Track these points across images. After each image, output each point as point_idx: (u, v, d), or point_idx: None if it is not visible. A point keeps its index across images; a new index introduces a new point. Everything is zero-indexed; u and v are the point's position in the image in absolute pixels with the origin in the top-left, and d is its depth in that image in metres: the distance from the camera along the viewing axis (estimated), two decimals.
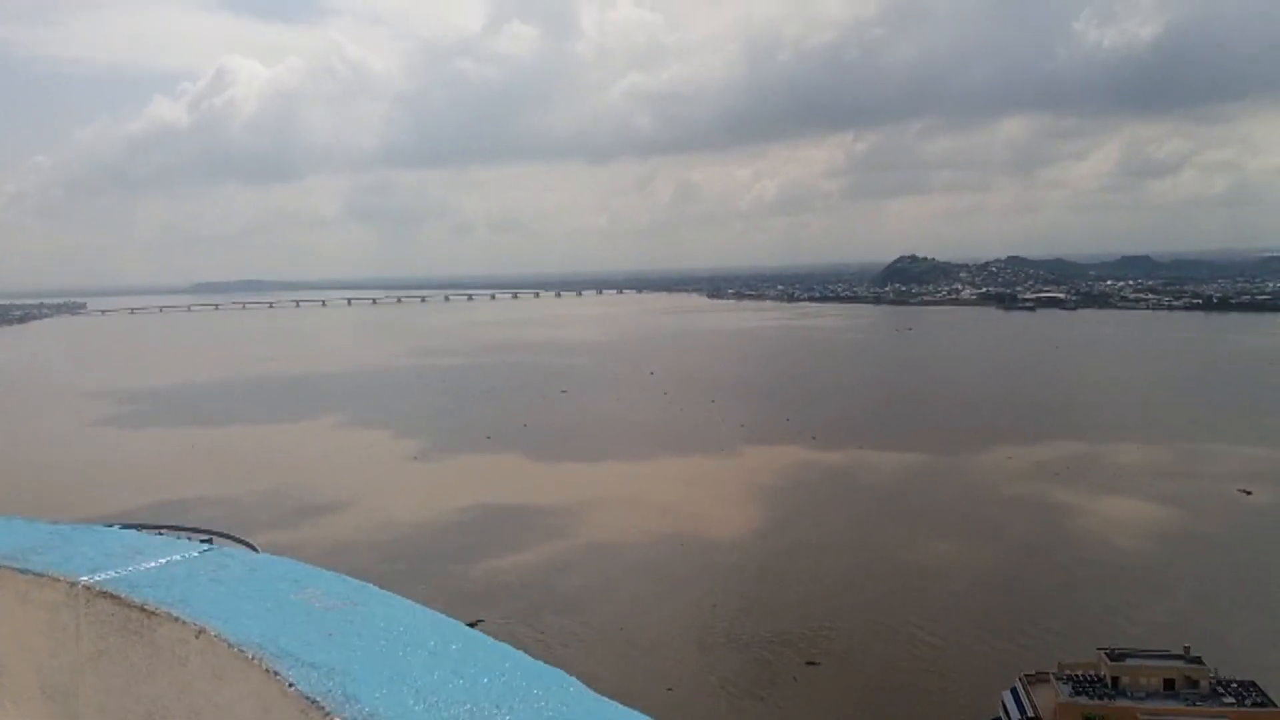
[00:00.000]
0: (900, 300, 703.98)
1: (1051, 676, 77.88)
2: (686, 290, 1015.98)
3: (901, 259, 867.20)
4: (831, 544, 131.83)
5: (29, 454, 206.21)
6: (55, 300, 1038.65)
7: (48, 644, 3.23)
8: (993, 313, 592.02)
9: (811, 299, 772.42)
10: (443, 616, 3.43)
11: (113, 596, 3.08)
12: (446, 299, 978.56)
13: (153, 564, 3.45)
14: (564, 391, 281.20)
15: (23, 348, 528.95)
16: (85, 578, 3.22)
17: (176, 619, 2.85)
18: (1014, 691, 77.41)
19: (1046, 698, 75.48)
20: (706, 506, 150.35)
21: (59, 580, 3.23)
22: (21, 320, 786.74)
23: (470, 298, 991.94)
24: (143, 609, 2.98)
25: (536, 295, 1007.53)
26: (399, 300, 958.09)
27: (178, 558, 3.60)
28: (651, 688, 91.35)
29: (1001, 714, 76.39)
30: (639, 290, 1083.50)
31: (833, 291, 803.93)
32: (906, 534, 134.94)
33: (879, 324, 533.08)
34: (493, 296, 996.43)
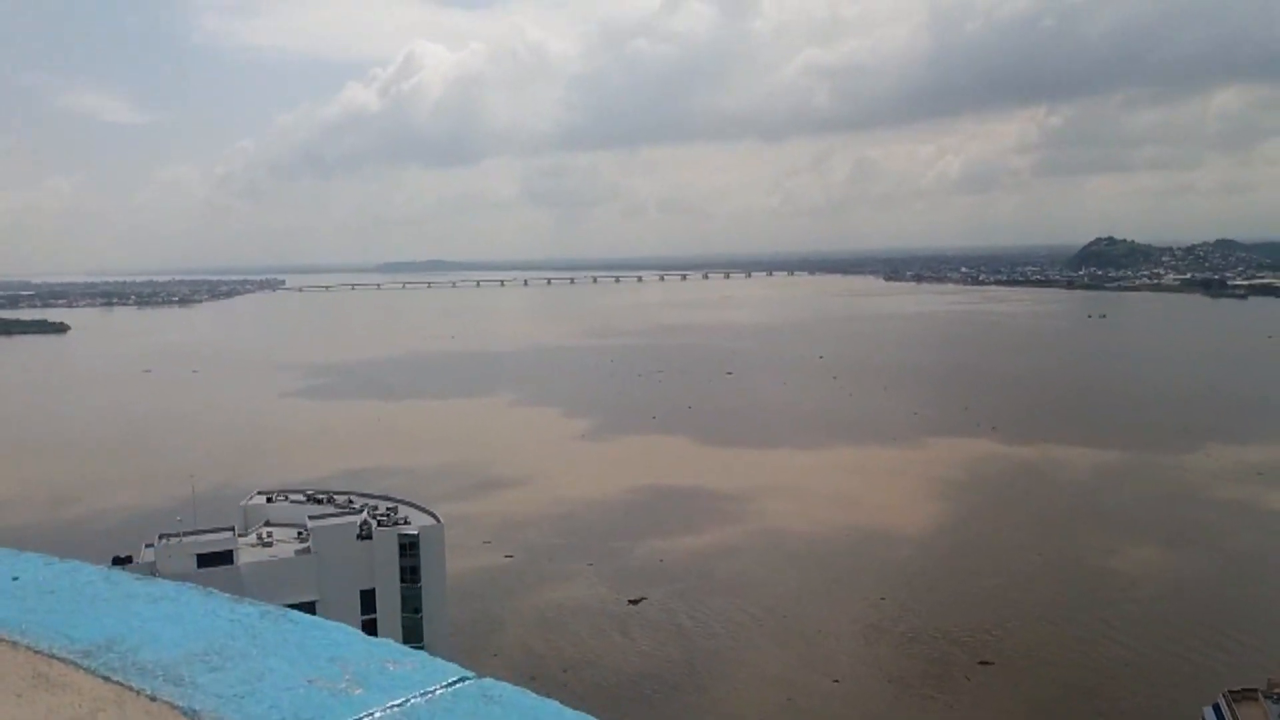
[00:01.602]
0: (1095, 285, 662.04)
1: (1260, 695, 71.04)
2: (862, 272, 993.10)
3: (1097, 241, 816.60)
4: (1012, 542, 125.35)
5: (231, 422, 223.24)
6: (257, 276, 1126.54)
7: None
8: (1198, 300, 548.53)
9: (998, 282, 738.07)
10: None
11: None
12: (617, 280, 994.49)
13: (378, 713, 2.32)
14: (730, 374, 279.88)
15: (228, 321, 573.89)
16: None
17: None
18: (1216, 708, 71.04)
19: (1253, 717, 68.93)
20: (877, 497, 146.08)
21: None
22: (228, 295, 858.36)
23: (640, 279, 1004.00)
24: None
25: (705, 276, 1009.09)
26: (572, 281, 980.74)
27: (417, 701, 2.37)
28: (816, 679, 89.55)
29: None
30: (811, 272, 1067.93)
31: (1021, 275, 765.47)
32: (1096, 535, 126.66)
33: (1070, 310, 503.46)
34: (661, 278, 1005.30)
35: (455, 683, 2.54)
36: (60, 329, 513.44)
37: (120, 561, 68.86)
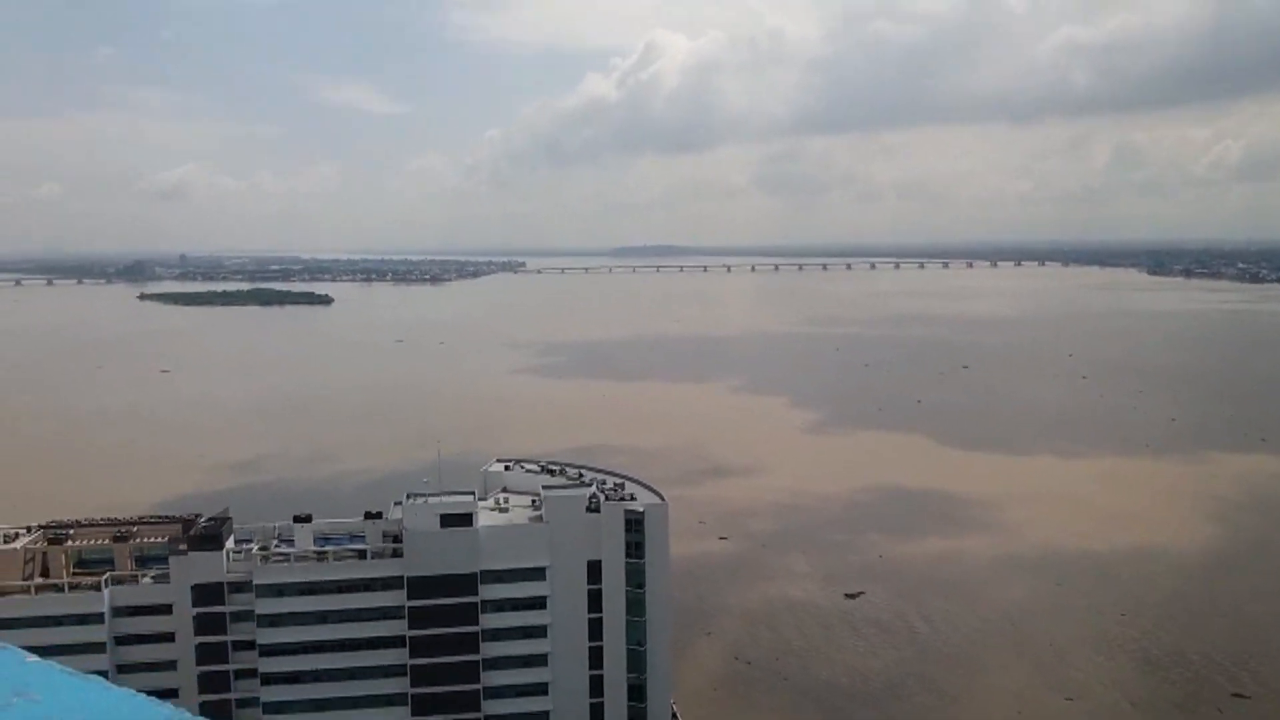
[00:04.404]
0: None
1: None
2: (1122, 264, 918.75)
3: None
4: None
5: (473, 392, 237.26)
6: (500, 259, 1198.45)
7: None
8: None
9: None
10: None
11: None
12: (848, 267, 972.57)
13: None
14: (965, 368, 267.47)
15: (473, 298, 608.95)
16: None
17: None
18: None
19: None
20: (1122, 509, 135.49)
21: None
22: (474, 275, 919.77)
23: (873, 266, 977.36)
24: None
25: (945, 265, 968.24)
26: (800, 268, 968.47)
27: None
28: (1048, 694, 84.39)
29: None
30: (1064, 263, 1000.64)
31: None
32: None
33: None
34: (897, 265, 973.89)
35: None
36: (325, 301, 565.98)
37: (371, 517, 74.76)
